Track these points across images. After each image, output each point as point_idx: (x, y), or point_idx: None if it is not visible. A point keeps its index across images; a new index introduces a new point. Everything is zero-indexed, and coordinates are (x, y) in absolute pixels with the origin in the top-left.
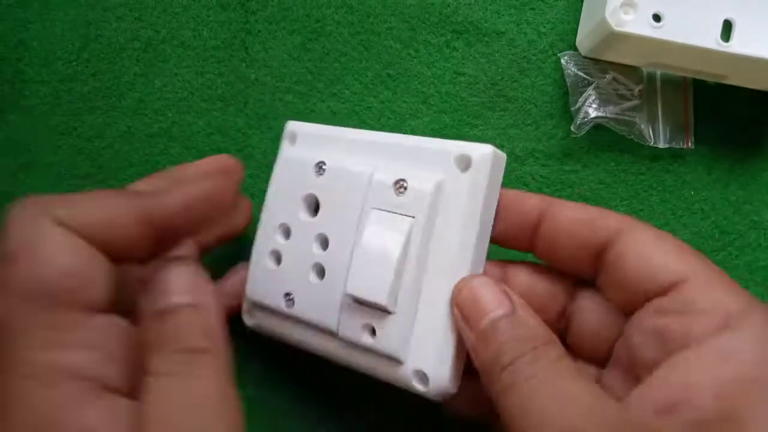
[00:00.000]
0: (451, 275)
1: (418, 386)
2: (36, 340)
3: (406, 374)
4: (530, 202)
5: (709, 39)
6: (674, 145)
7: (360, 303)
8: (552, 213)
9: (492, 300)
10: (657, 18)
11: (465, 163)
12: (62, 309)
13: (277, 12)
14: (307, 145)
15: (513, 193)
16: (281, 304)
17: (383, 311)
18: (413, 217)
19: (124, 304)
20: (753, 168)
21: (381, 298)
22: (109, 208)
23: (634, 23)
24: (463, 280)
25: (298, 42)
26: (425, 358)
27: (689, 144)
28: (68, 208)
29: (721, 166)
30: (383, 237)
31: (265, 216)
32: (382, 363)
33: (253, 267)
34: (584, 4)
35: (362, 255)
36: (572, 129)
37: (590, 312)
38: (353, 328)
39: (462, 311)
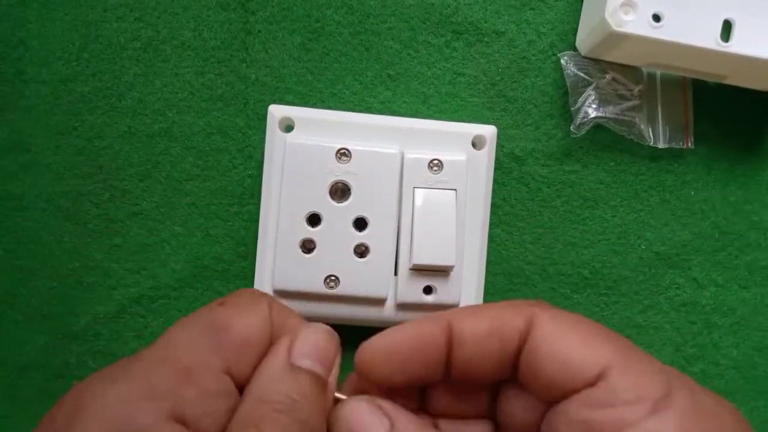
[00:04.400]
0: (481, 231)
1: None
2: (179, 367)
3: None
4: (432, 331)
5: (709, 39)
6: (674, 145)
7: (419, 269)
8: (456, 336)
9: (367, 422)
10: (657, 18)
11: (480, 142)
12: (220, 358)
13: (277, 12)
14: (312, 132)
15: (411, 329)
16: (321, 288)
17: (443, 272)
18: (455, 190)
19: None
20: (752, 168)
21: (449, 262)
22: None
23: (634, 23)
24: (336, 409)
25: (298, 42)
26: (469, 301)
27: (689, 144)
28: (281, 306)
29: (720, 166)
30: (436, 212)
31: (284, 208)
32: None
33: (279, 259)
34: (584, 4)
35: (421, 230)
36: (572, 129)
37: (515, 402)
38: (413, 292)
39: None
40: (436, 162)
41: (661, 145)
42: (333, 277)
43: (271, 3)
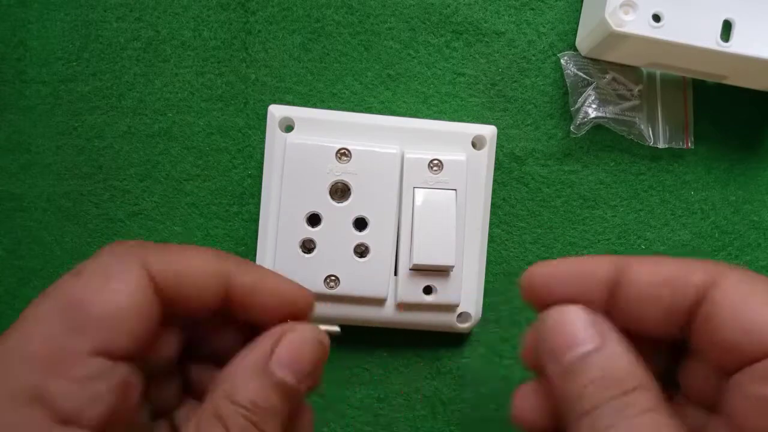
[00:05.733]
0: (481, 231)
1: (461, 325)
2: (36, 360)
3: (452, 318)
4: (601, 264)
5: (709, 39)
6: (674, 145)
7: (419, 269)
8: (627, 276)
9: (580, 331)
10: (657, 18)
11: (480, 142)
12: (82, 340)
13: (277, 12)
14: (312, 132)
15: (582, 259)
16: (321, 287)
17: (443, 272)
18: (455, 190)
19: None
20: (752, 168)
21: (449, 262)
22: (197, 261)
23: (634, 23)
24: (551, 309)
25: (298, 42)
26: (469, 301)
27: (689, 144)
28: (163, 255)
29: (720, 166)
30: (436, 212)
31: (284, 208)
32: (433, 315)
33: (279, 259)
34: (584, 4)
35: (421, 230)
36: (572, 129)
37: (693, 371)
38: (413, 292)
39: (547, 341)
40: (436, 162)
41: (661, 145)
42: (333, 277)
43: (271, 3)
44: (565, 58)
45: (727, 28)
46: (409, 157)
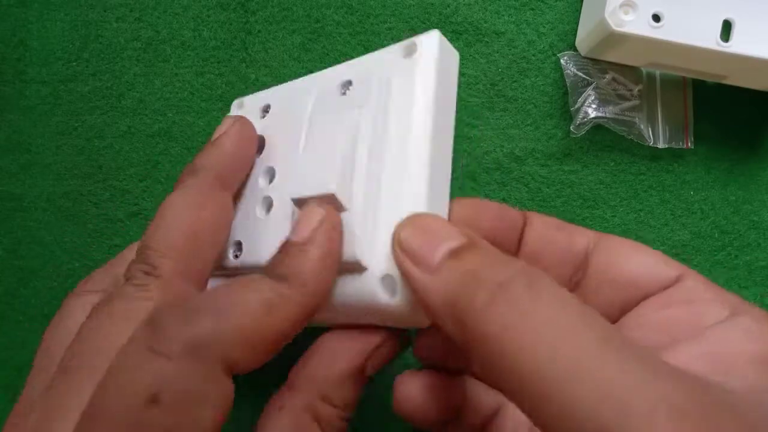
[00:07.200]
0: (409, 170)
1: (385, 296)
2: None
3: (371, 284)
4: (512, 211)
5: (709, 39)
6: (674, 145)
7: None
8: (530, 219)
9: (442, 230)
10: (657, 18)
11: (410, 49)
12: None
13: (277, 12)
14: (254, 106)
15: (499, 204)
16: (228, 260)
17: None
18: (360, 107)
19: None
20: (752, 168)
21: (330, 187)
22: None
23: (633, 23)
24: (407, 217)
25: (298, 42)
26: (392, 262)
27: (689, 144)
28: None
29: (720, 167)
30: (327, 135)
31: None
32: (344, 281)
33: None
34: (584, 4)
35: (306, 157)
36: (572, 129)
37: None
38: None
39: (407, 250)
40: (346, 82)
41: (660, 145)
42: (240, 245)
43: (271, 3)
44: (565, 58)
45: (727, 28)
46: (321, 86)
